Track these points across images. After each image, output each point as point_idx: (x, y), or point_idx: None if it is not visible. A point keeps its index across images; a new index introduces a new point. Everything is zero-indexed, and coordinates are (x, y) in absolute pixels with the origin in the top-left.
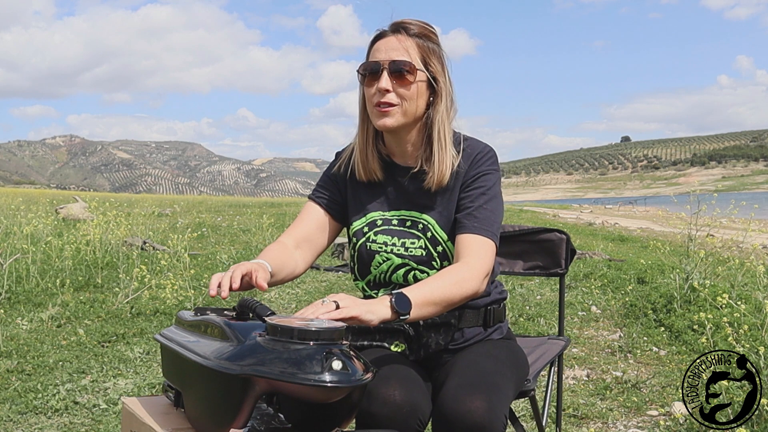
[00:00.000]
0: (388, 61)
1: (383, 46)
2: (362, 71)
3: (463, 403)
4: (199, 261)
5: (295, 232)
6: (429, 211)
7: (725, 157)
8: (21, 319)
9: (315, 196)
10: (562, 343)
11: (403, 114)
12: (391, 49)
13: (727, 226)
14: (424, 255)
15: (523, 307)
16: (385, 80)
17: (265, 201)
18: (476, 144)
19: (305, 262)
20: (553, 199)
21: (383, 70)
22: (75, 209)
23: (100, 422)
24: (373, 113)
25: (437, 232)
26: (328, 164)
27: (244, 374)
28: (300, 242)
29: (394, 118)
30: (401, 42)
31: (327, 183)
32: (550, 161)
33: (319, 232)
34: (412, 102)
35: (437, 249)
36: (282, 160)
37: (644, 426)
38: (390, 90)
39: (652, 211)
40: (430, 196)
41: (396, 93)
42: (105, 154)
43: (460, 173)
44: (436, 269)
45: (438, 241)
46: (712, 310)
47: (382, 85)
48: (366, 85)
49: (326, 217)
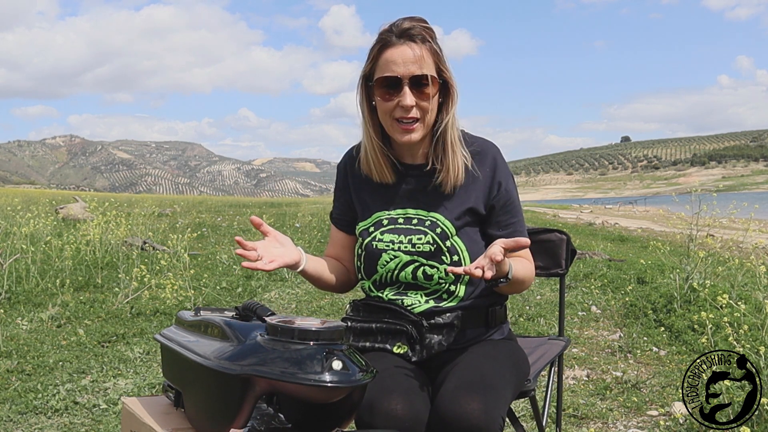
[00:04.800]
0: (409, 76)
1: (399, 59)
2: (380, 84)
3: (459, 405)
4: (199, 261)
5: (328, 252)
6: (437, 208)
7: (725, 157)
8: (21, 319)
9: (333, 219)
10: (562, 344)
11: (425, 127)
12: (409, 62)
13: (728, 226)
14: (432, 250)
15: (523, 307)
16: (409, 97)
17: (265, 201)
18: (482, 143)
19: (353, 273)
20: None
21: (405, 85)
22: (75, 209)
23: (100, 422)
24: (394, 128)
25: (447, 227)
26: (328, 164)
27: (245, 374)
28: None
29: (418, 133)
30: (415, 51)
31: (338, 199)
32: (550, 161)
33: (345, 251)
34: (432, 113)
35: (446, 243)
36: (282, 160)
37: (644, 426)
38: (414, 105)
39: (652, 211)
40: (438, 193)
41: (418, 107)
42: (105, 154)
43: (474, 175)
44: (446, 264)
45: (447, 235)
46: (712, 310)
47: (407, 102)
48: (383, 98)
49: (347, 237)
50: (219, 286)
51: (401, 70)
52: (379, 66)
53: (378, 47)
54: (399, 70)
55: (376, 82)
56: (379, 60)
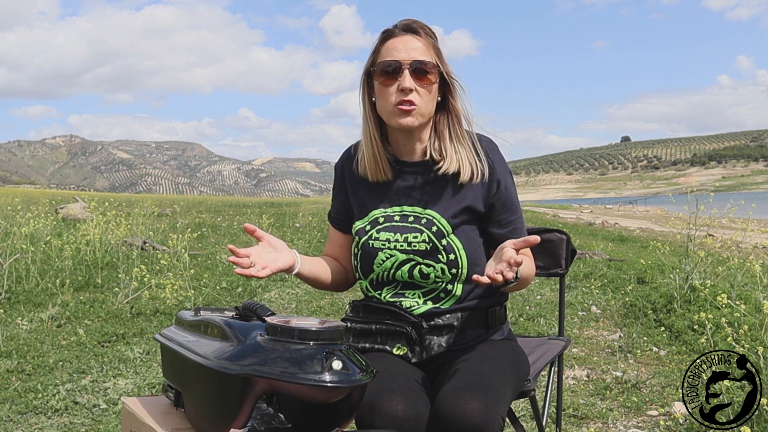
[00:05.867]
0: (410, 60)
1: (401, 45)
2: (381, 69)
3: (459, 405)
4: (199, 261)
5: (326, 252)
6: (433, 205)
7: (725, 157)
8: (21, 319)
9: (330, 218)
10: (562, 344)
11: (422, 114)
12: (411, 48)
13: (727, 226)
14: (428, 248)
15: (523, 307)
16: (408, 79)
17: (265, 201)
18: (482, 139)
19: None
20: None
21: (404, 69)
22: (75, 209)
23: (100, 422)
24: (392, 112)
25: (443, 226)
26: (328, 164)
27: (245, 374)
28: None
29: (414, 118)
30: (418, 40)
31: (335, 198)
32: (550, 161)
33: (342, 250)
34: (430, 102)
35: (442, 242)
36: (282, 160)
37: (644, 426)
38: (413, 89)
39: (652, 211)
40: (435, 191)
41: (417, 93)
42: (105, 154)
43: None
44: (443, 262)
45: (443, 233)
46: (712, 310)
47: (406, 85)
48: (383, 84)
49: (344, 237)
50: (219, 286)
51: (402, 56)
52: (380, 55)
53: (380, 39)
54: (400, 55)
55: (377, 70)
56: (381, 50)
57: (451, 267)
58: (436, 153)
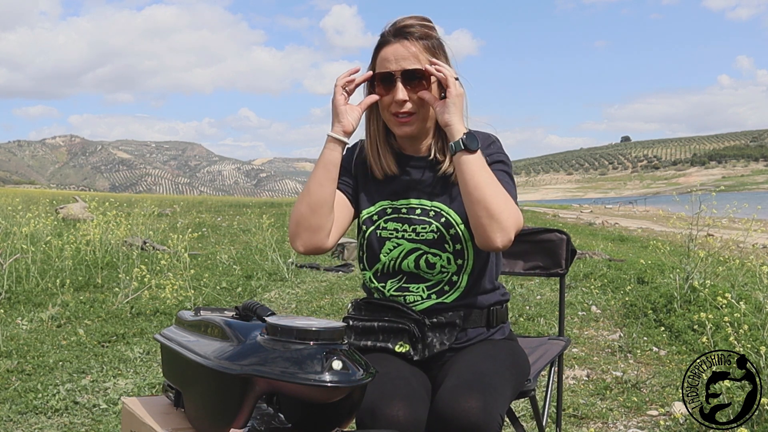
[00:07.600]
0: (400, 71)
1: (392, 55)
2: (377, 81)
3: (458, 403)
4: (199, 261)
5: None
6: (440, 197)
7: (725, 157)
8: (21, 319)
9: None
10: (562, 343)
11: (422, 120)
12: (400, 58)
13: (728, 226)
14: (436, 237)
15: (523, 307)
16: (401, 91)
17: (265, 201)
18: (481, 134)
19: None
20: (553, 199)
21: (396, 80)
22: (75, 209)
23: (100, 422)
24: (391, 122)
25: (451, 216)
26: None
27: (245, 374)
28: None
29: (414, 126)
30: (408, 48)
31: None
32: (550, 161)
33: (340, 207)
34: (428, 106)
35: (450, 231)
36: (282, 160)
37: (644, 426)
38: (407, 100)
39: (652, 211)
40: (442, 184)
41: (412, 101)
42: (105, 154)
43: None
44: (449, 252)
45: (451, 224)
46: (713, 310)
47: (400, 97)
48: (380, 94)
49: (345, 198)
50: (219, 286)
51: (393, 67)
52: (377, 65)
53: (376, 46)
54: (391, 66)
55: (375, 80)
56: (377, 59)
57: (458, 257)
58: (439, 153)
